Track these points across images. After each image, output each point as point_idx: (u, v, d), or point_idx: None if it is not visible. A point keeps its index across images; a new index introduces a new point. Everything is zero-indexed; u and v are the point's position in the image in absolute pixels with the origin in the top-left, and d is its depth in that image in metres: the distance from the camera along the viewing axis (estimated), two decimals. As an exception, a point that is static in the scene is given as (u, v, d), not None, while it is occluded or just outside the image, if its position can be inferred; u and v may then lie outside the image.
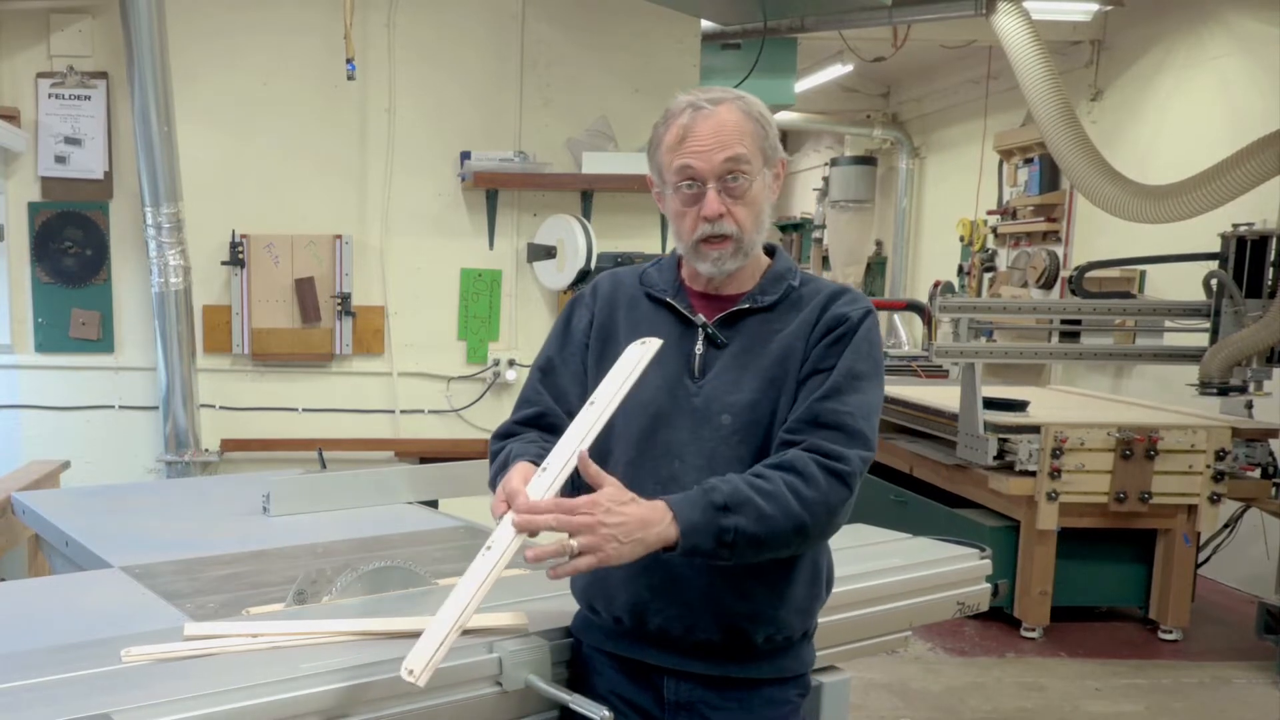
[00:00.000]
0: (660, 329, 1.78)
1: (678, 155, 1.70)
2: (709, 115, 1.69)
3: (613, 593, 1.77)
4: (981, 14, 5.46)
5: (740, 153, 1.68)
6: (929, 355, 5.90)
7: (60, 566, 2.90)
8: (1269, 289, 4.95)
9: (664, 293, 1.81)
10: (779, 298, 1.77)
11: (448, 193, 5.13)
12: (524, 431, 1.85)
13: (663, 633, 1.75)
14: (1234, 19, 6.13)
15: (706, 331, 1.76)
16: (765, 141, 1.72)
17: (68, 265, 4.96)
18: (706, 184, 1.69)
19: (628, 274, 1.89)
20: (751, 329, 1.76)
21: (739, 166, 1.68)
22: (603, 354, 1.82)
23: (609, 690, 1.80)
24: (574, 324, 1.89)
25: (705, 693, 1.76)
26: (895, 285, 10.32)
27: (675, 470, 1.72)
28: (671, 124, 1.72)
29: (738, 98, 1.72)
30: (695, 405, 1.73)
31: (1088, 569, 5.07)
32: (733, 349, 1.75)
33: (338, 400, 5.14)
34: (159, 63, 4.48)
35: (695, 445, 1.72)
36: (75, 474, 4.43)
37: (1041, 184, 7.70)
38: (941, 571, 2.43)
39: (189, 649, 1.72)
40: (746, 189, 1.70)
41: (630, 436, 1.76)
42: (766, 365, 1.72)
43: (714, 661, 1.75)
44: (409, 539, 2.70)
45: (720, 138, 1.68)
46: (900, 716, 4.16)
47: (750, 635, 1.73)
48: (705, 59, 5.34)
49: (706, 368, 1.75)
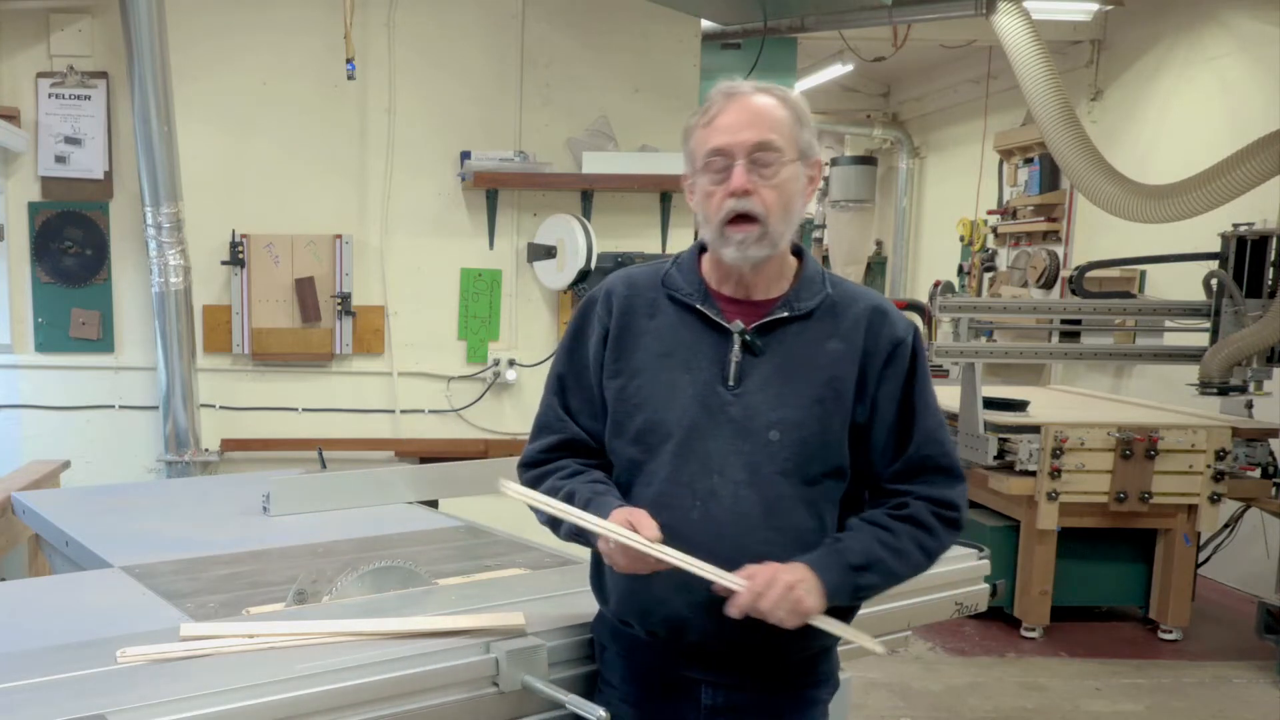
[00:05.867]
0: (687, 334, 1.74)
1: (709, 134, 1.68)
2: (744, 99, 1.68)
3: (649, 608, 1.75)
4: (981, 14, 5.46)
5: (771, 137, 1.65)
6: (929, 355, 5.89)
7: (60, 566, 2.90)
8: (1269, 289, 4.95)
9: (690, 297, 1.75)
10: (816, 305, 1.73)
11: (448, 192, 5.13)
12: (552, 460, 1.82)
13: (700, 648, 1.74)
14: (1234, 19, 6.13)
15: (745, 339, 1.70)
16: (800, 134, 1.69)
17: (68, 265, 4.96)
18: (735, 160, 1.65)
19: (644, 275, 1.82)
20: (790, 339, 1.71)
21: (769, 148, 1.65)
22: (619, 368, 1.77)
23: (644, 700, 1.80)
24: (585, 337, 1.83)
25: (742, 698, 1.76)
26: (895, 285, 10.32)
27: (714, 485, 1.68)
28: (707, 109, 1.70)
29: (777, 90, 1.71)
30: (733, 415, 1.69)
31: (1088, 569, 5.08)
32: (773, 359, 1.70)
33: (338, 400, 5.14)
34: (159, 62, 4.48)
35: (736, 458, 1.68)
36: (75, 474, 4.43)
37: (1041, 184, 7.69)
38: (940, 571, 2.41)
39: (185, 649, 1.72)
40: (776, 171, 1.66)
41: (667, 447, 1.71)
42: (815, 384, 1.69)
43: (751, 675, 1.75)
44: (409, 539, 2.70)
45: (752, 119, 1.66)
46: (900, 716, 4.16)
47: (789, 647, 1.72)
48: (705, 59, 5.33)
49: (743, 376, 1.70)
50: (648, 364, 1.75)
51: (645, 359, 1.75)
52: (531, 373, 5.15)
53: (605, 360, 1.79)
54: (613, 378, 1.78)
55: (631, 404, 1.75)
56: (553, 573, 2.36)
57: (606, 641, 1.86)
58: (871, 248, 10.91)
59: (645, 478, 1.73)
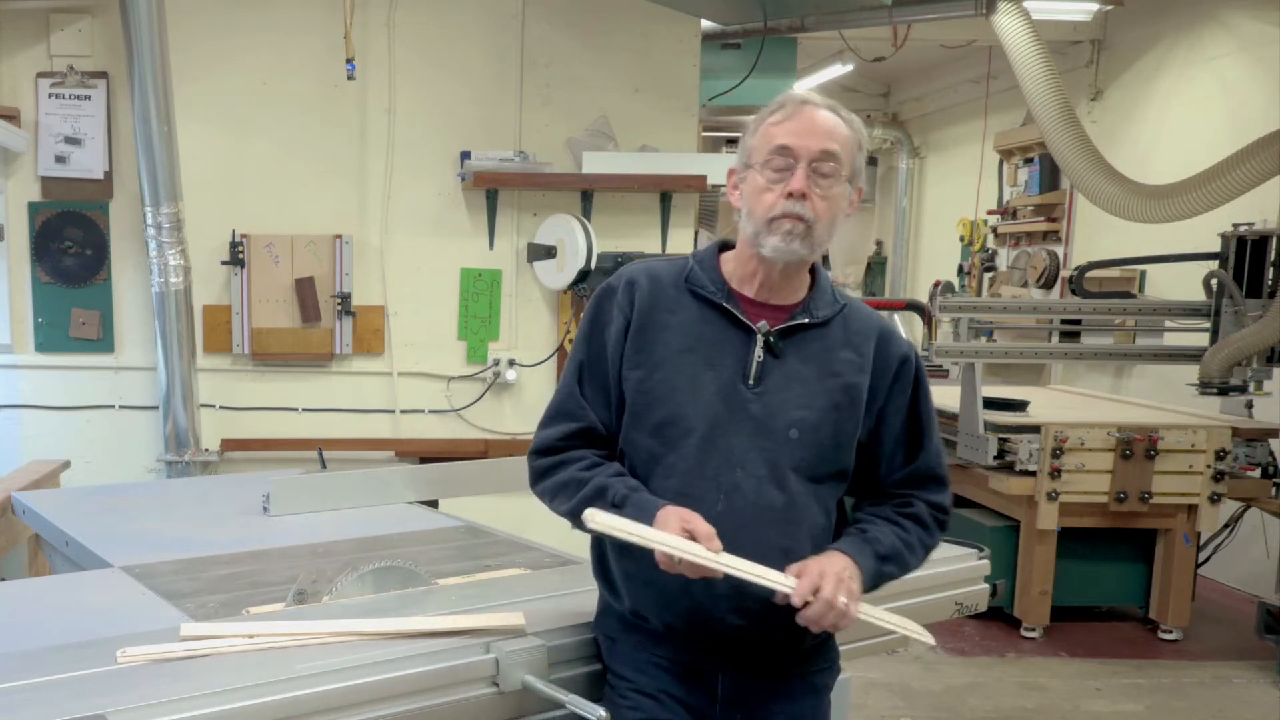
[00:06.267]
0: (710, 331, 1.79)
1: (778, 132, 1.74)
2: (817, 109, 1.75)
3: (670, 601, 1.77)
4: (981, 14, 5.45)
5: (836, 150, 1.73)
6: (929, 355, 5.88)
7: (60, 566, 2.90)
8: (1269, 289, 4.95)
9: (715, 295, 1.80)
10: (831, 315, 1.82)
11: (448, 192, 5.13)
12: (569, 449, 1.83)
13: (721, 637, 1.78)
14: (1234, 19, 6.13)
15: (769, 340, 1.77)
16: (857, 157, 1.77)
17: (68, 265, 4.95)
18: (799, 163, 1.72)
19: (665, 270, 1.86)
20: (808, 344, 1.80)
21: (832, 159, 1.73)
22: (640, 360, 1.80)
23: (660, 690, 1.81)
24: (603, 325, 1.84)
25: (758, 686, 1.82)
26: (895, 285, 10.32)
27: (738, 478, 1.75)
28: (777, 109, 1.77)
29: (844, 110, 1.79)
30: (753, 413, 1.76)
31: (1088, 569, 5.08)
32: (792, 362, 1.78)
33: (338, 400, 5.14)
34: (159, 62, 4.48)
35: (757, 455, 1.75)
36: (75, 474, 4.43)
37: (1041, 184, 7.69)
38: (940, 571, 2.42)
39: (185, 649, 1.72)
40: (832, 184, 1.74)
41: (689, 443, 1.76)
42: (832, 389, 1.79)
43: (767, 663, 1.81)
44: (409, 539, 2.70)
45: (823, 130, 1.73)
46: (900, 716, 4.16)
47: (804, 633, 1.75)
48: (705, 59, 5.33)
49: (763, 376, 1.77)
50: (669, 358, 1.79)
51: (667, 352, 1.79)
52: (531, 373, 5.15)
53: (626, 351, 1.81)
54: (634, 369, 1.80)
55: (652, 396, 1.78)
56: (553, 573, 2.36)
57: (616, 634, 1.87)
58: (871, 248, 10.91)
59: (665, 470, 1.77)
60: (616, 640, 1.87)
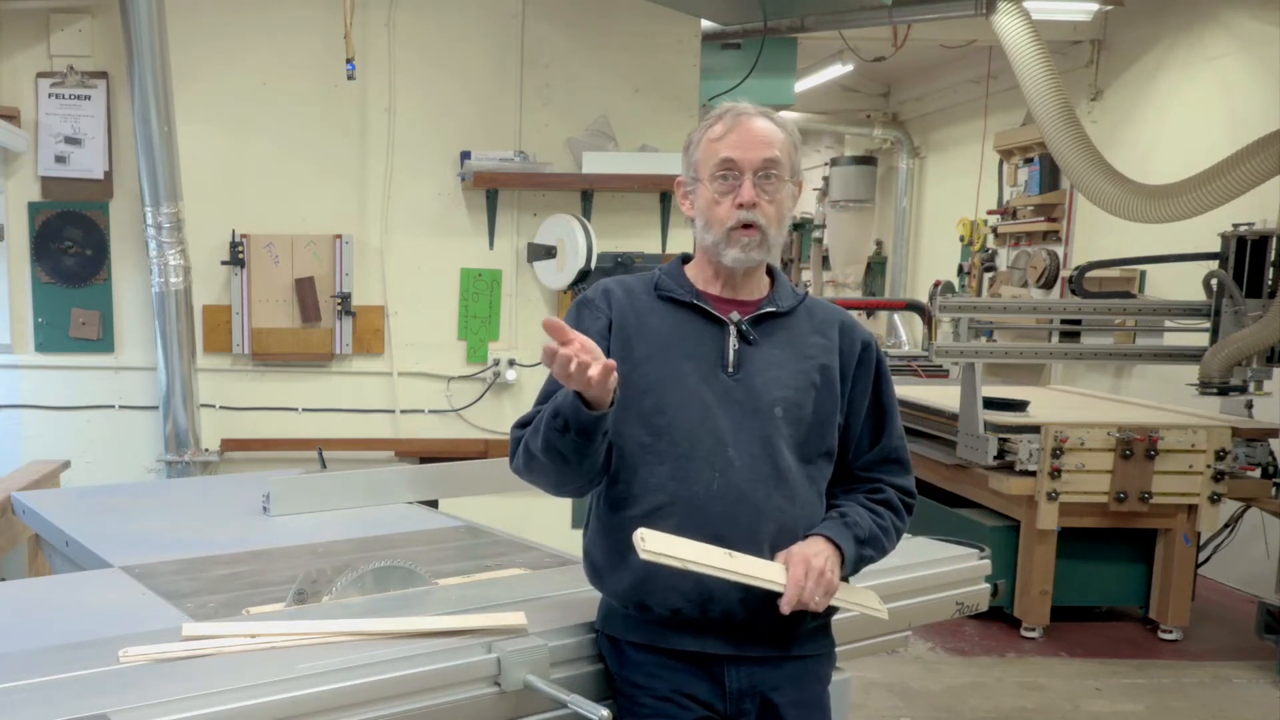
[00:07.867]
0: (685, 328, 1.89)
1: (721, 146, 1.85)
2: (752, 120, 1.87)
3: (672, 583, 1.81)
4: (981, 14, 5.46)
5: (777, 156, 1.85)
6: (929, 355, 5.90)
7: (60, 566, 2.90)
8: (1269, 289, 4.95)
9: (685, 295, 1.92)
10: (795, 305, 1.94)
11: (448, 192, 5.13)
12: None
13: (727, 617, 1.83)
14: (1234, 19, 6.13)
15: (741, 329, 1.88)
16: (795, 157, 1.90)
17: (68, 265, 4.96)
18: (744, 174, 1.84)
19: (636, 282, 1.98)
20: (777, 332, 1.91)
21: (774, 167, 1.85)
22: (624, 355, 1.86)
23: (673, 690, 1.84)
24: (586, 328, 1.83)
25: (764, 675, 1.87)
26: (895, 285, 10.32)
27: (731, 455, 1.84)
28: (715, 123, 1.88)
29: (775, 115, 1.90)
30: (737, 397, 1.86)
31: (1088, 569, 5.08)
32: (766, 348, 1.89)
33: (338, 400, 5.14)
34: (159, 62, 4.48)
35: (745, 434, 1.85)
36: (75, 474, 4.43)
37: (1041, 184, 7.69)
38: (941, 571, 2.43)
39: (187, 649, 1.72)
40: (778, 189, 1.86)
41: (681, 426, 1.84)
42: (808, 370, 1.90)
43: (771, 645, 1.87)
44: (409, 539, 2.71)
45: (761, 139, 1.85)
46: (900, 716, 4.16)
47: (804, 614, 1.82)
48: (705, 59, 5.33)
49: (741, 363, 1.87)
50: (651, 353, 1.89)
51: (648, 349, 1.89)
52: (531, 373, 5.14)
53: (611, 347, 1.87)
54: (619, 364, 1.81)
55: (638, 388, 1.86)
56: (553, 573, 2.36)
57: (620, 634, 1.88)
58: (871, 248, 10.91)
59: (656, 457, 1.85)
60: (622, 642, 1.88)
